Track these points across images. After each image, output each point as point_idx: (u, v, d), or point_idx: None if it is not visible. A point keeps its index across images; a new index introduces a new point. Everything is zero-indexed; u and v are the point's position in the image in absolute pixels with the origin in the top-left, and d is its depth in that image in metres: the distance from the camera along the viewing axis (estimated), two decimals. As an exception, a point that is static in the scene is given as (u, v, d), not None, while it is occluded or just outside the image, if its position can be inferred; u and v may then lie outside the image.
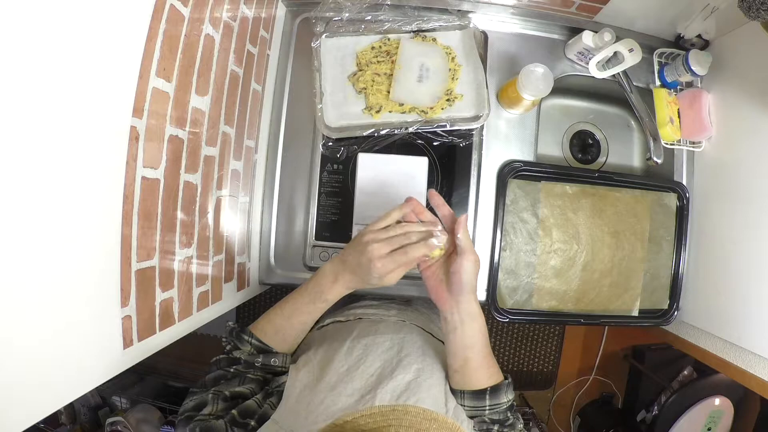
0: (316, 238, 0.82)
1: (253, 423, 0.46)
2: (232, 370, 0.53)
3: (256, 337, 0.55)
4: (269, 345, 0.55)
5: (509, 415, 0.55)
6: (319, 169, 0.82)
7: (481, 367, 0.54)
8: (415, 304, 0.85)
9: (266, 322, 0.57)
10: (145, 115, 0.48)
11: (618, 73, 0.80)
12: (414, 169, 0.79)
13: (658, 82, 0.87)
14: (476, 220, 0.83)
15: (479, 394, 0.53)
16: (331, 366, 0.53)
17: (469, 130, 0.82)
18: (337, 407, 0.47)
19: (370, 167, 0.79)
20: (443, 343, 0.67)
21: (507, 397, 0.54)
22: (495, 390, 0.53)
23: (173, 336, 0.59)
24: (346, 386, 0.50)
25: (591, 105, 1.03)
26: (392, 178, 0.79)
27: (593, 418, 1.73)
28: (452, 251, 0.55)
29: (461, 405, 0.53)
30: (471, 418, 0.52)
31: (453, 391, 0.54)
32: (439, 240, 0.51)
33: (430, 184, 0.81)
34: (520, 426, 0.55)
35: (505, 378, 0.56)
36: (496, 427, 0.53)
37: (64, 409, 1.45)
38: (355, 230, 0.79)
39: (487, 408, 0.53)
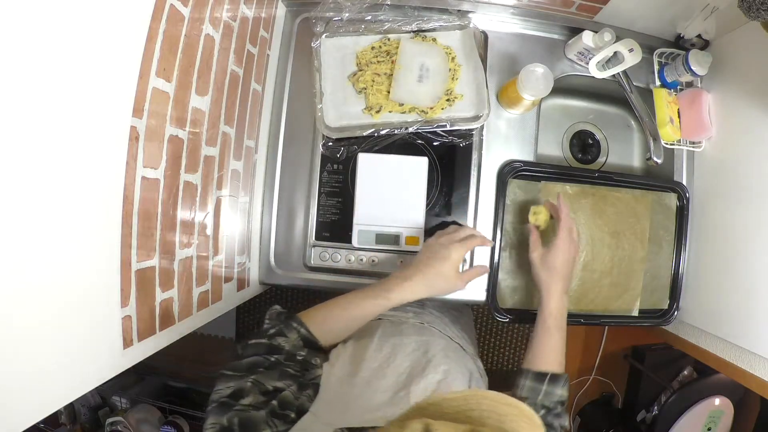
0: (316, 238, 0.82)
1: (293, 415, 0.46)
2: (272, 359, 0.51)
3: (306, 327, 0.55)
4: (316, 336, 0.55)
5: (559, 408, 0.59)
6: (319, 169, 0.82)
7: (543, 350, 0.61)
8: (427, 307, 0.84)
9: (317, 310, 0.58)
10: (145, 115, 0.48)
11: (618, 73, 0.80)
12: (414, 169, 0.79)
13: (658, 82, 0.87)
14: (476, 220, 0.83)
15: (540, 376, 0.59)
16: (363, 362, 0.54)
17: (469, 130, 0.82)
18: (373, 403, 0.48)
19: (370, 167, 0.79)
20: (460, 346, 0.70)
21: (562, 391, 0.59)
22: (554, 378, 0.59)
23: (173, 336, 0.59)
24: (379, 382, 0.51)
25: (591, 105, 1.03)
26: (392, 178, 0.79)
27: (593, 418, 1.72)
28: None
29: (523, 385, 0.59)
30: (524, 399, 0.56)
31: (520, 371, 0.61)
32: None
33: (430, 184, 0.81)
34: (565, 423, 0.59)
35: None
36: (542, 412, 0.57)
37: (64, 409, 1.45)
38: (356, 230, 0.79)
39: (542, 392, 0.58)
